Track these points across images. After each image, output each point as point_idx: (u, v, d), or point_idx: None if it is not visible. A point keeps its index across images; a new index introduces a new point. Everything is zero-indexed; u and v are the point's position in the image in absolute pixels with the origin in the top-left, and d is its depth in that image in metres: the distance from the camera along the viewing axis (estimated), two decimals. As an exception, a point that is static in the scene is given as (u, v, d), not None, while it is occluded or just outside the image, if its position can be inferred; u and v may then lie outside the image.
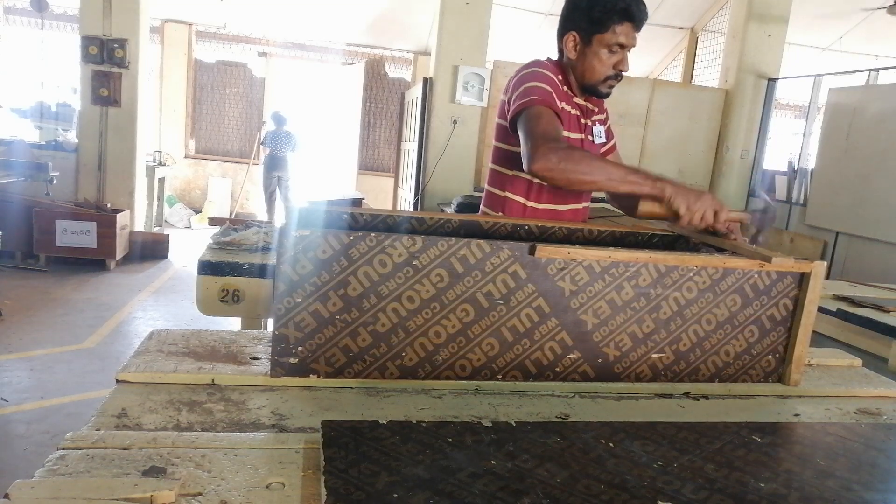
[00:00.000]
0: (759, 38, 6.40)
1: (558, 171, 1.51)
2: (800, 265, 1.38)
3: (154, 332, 1.38)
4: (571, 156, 1.52)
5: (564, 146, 1.56)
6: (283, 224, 1.21)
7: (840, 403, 1.38)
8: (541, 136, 1.56)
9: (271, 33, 9.56)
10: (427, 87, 5.97)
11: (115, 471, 0.85)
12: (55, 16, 8.60)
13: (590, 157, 1.57)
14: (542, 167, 1.53)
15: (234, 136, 9.85)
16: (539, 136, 1.56)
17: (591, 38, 1.73)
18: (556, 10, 7.30)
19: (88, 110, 6.21)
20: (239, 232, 2.51)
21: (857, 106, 5.40)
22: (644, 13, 1.71)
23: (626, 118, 6.34)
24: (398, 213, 1.54)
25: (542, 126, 1.59)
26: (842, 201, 5.38)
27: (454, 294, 1.24)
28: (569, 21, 1.76)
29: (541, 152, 1.52)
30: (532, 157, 1.54)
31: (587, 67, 1.77)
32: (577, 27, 1.75)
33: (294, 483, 0.87)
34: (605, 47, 1.72)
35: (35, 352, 3.85)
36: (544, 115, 1.62)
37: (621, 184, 1.53)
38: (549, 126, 1.60)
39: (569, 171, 1.51)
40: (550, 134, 1.58)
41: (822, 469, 0.99)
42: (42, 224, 5.75)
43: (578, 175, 1.52)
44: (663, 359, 1.37)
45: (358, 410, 1.12)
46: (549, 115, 1.63)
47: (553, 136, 1.58)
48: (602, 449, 0.98)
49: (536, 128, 1.59)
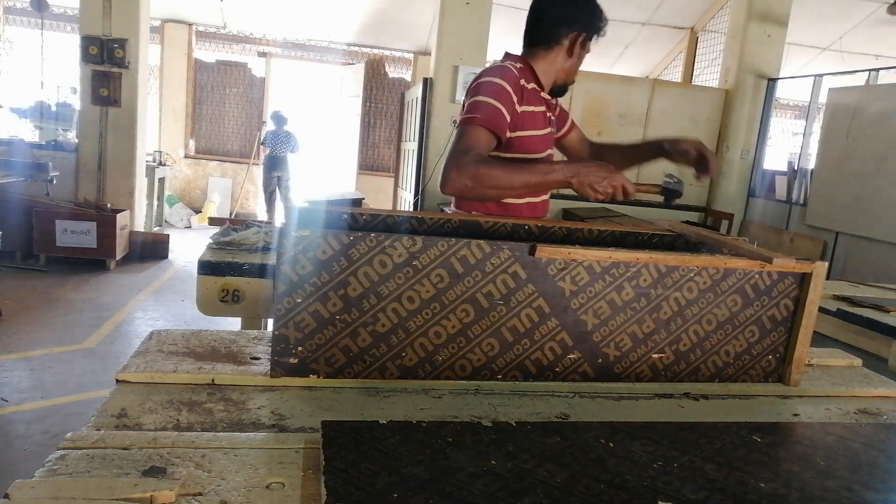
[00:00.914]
0: (759, 38, 6.39)
1: (470, 191, 1.56)
2: (801, 266, 1.38)
3: (154, 332, 1.38)
4: (480, 175, 1.54)
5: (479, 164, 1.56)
6: (283, 224, 1.21)
7: (840, 403, 1.38)
8: (456, 153, 1.58)
9: (271, 33, 9.56)
10: (427, 87, 5.98)
11: (115, 471, 0.85)
12: (55, 16, 8.60)
13: (498, 169, 1.58)
14: (453, 190, 1.58)
15: (234, 136, 9.84)
16: (453, 156, 1.58)
17: (586, 43, 1.81)
18: (556, 10, 7.12)
19: (88, 110, 6.21)
20: (239, 232, 2.51)
21: (857, 106, 5.40)
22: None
23: (626, 118, 6.34)
24: (398, 213, 1.54)
25: (464, 143, 1.60)
26: (842, 201, 5.38)
27: (454, 294, 1.24)
28: (575, 22, 1.79)
29: (452, 176, 1.55)
30: (444, 181, 1.57)
31: (572, 68, 1.84)
32: (581, 29, 1.78)
33: (294, 483, 0.87)
34: (586, 52, 1.83)
35: (35, 352, 3.85)
36: (474, 135, 1.62)
37: (536, 185, 1.60)
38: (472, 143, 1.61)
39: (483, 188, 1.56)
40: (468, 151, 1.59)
41: (822, 469, 0.99)
42: (42, 224, 5.75)
43: (491, 191, 1.58)
44: (663, 359, 1.37)
45: (358, 410, 1.12)
46: (481, 136, 1.63)
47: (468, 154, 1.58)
48: (602, 449, 0.98)
49: (457, 146, 1.61)
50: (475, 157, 1.57)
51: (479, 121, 1.64)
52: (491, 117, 1.65)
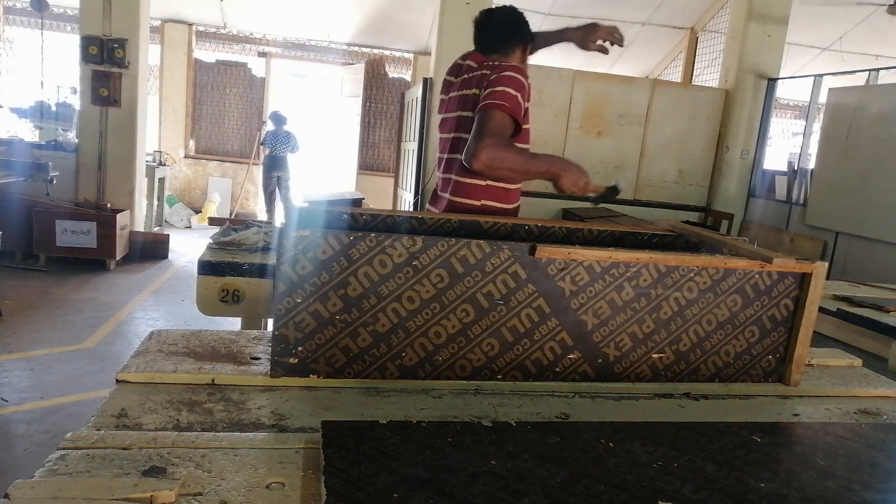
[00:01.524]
0: (759, 38, 6.39)
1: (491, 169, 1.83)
2: (801, 266, 1.38)
3: (154, 332, 1.38)
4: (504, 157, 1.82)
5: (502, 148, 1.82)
6: (283, 224, 1.21)
7: (840, 403, 1.38)
8: (488, 136, 1.81)
9: (271, 33, 9.55)
10: (427, 87, 5.97)
11: (115, 471, 0.85)
12: (55, 16, 8.60)
13: (518, 155, 1.87)
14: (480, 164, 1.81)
15: (234, 136, 9.84)
16: (486, 135, 1.81)
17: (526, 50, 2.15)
18: (557, 9, 7.30)
19: (88, 110, 6.21)
20: (239, 232, 2.51)
21: (857, 106, 5.40)
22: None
23: (626, 118, 6.33)
24: (398, 213, 1.54)
25: (496, 126, 1.84)
26: (842, 201, 5.38)
27: (454, 294, 1.24)
28: (527, 35, 2.14)
29: (483, 152, 1.79)
30: (474, 155, 1.79)
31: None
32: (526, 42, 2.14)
33: (294, 483, 0.87)
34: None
35: (35, 352, 3.85)
36: (503, 122, 1.86)
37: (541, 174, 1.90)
38: (502, 128, 1.85)
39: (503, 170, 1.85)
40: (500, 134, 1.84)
41: (822, 469, 0.99)
42: (42, 224, 5.74)
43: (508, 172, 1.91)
44: (663, 359, 1.37)
45: (358, 410, 1.12)
46: (507, 124, 1.87)
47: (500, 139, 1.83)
48: (602, 449, 0.98)
49: (489, 127, 1.83)
50: (504, 141, 1.84)
51: (508, 109, 1.86)
52: (516, 109, 1.89)
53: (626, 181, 2.19)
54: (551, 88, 6.03)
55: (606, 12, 8.06)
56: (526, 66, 2.11)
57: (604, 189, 1.98)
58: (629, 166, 6.37)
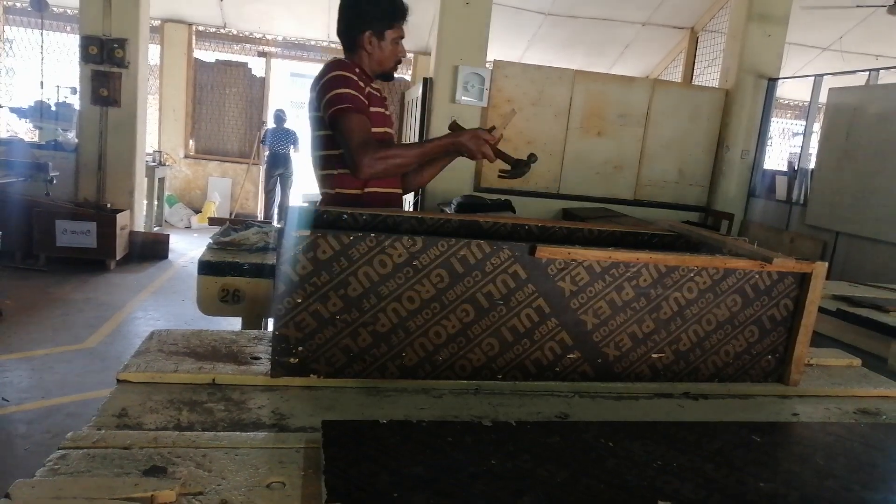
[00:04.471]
0: (759, 38, 6.39)
1: (382, 171, 1.88)
2: (801, 266, 1.38)
3: (154, 331, 1.38)
4: (386, 157, 1.87)
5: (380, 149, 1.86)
6: (283, 224, 1.21)
7: (840, 403, 1.38)
8: (359, 146, 1.84)
9: (271, 33, 9.55)
10: (427, 87, 5.97)
11: (115, 470, 0.85)
12: (55, 16, 8.59)
13: (396, 149, 1.93)
14: (368, 175, 1.87)
15: (234, 135, 9.83)
16: (357, 146, 1.84)
17: (383, 34, 2.06)
18: (557, 9, 7.30)
19: (88, 110, 6.21)
20: (239, 232, 2.51)
21: (857, 106, 5.39)
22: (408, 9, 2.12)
23: (626, 118, 6.33)
24: (398, 213, 1.54)
25: (357, 134, 1.87)
26: (842, 201, 5.38)
27: (454, 294, 1.25)
28: (364, 23, 2.04)
29: (365, 163, 1.84)
30: (357, 169, 1.85)
31: (384, 58, 2.10)
32: (370, 27, 2.05)
33: (294, 482, 0.87)
34: (391, 41, 2.08)
35: (35, 351, 3.85)
36: (357, 122, 1.88)
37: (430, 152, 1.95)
38: (363, 133, 1.88)
39: (389, 167, 1.89)
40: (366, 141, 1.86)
41: (822, 469, 1.00)
42: (42, 224, 5.74)
43: (398, 168, 1.94)
44: (663, 359, 1.38)
45: (358, 410, 1.12)
46: (361, 121, 1.90)
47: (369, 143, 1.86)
48: (602, 449, 0.98)
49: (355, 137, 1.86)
50: (375, 144, 1.88)
51: (353, 109, 1.89)
52: (357, 102, 1.91)
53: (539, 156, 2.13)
54: (551, 88, 6.02)
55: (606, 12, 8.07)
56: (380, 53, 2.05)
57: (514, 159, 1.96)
58: (629, 166, 6.37)
